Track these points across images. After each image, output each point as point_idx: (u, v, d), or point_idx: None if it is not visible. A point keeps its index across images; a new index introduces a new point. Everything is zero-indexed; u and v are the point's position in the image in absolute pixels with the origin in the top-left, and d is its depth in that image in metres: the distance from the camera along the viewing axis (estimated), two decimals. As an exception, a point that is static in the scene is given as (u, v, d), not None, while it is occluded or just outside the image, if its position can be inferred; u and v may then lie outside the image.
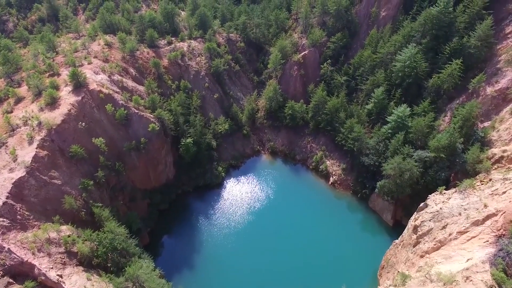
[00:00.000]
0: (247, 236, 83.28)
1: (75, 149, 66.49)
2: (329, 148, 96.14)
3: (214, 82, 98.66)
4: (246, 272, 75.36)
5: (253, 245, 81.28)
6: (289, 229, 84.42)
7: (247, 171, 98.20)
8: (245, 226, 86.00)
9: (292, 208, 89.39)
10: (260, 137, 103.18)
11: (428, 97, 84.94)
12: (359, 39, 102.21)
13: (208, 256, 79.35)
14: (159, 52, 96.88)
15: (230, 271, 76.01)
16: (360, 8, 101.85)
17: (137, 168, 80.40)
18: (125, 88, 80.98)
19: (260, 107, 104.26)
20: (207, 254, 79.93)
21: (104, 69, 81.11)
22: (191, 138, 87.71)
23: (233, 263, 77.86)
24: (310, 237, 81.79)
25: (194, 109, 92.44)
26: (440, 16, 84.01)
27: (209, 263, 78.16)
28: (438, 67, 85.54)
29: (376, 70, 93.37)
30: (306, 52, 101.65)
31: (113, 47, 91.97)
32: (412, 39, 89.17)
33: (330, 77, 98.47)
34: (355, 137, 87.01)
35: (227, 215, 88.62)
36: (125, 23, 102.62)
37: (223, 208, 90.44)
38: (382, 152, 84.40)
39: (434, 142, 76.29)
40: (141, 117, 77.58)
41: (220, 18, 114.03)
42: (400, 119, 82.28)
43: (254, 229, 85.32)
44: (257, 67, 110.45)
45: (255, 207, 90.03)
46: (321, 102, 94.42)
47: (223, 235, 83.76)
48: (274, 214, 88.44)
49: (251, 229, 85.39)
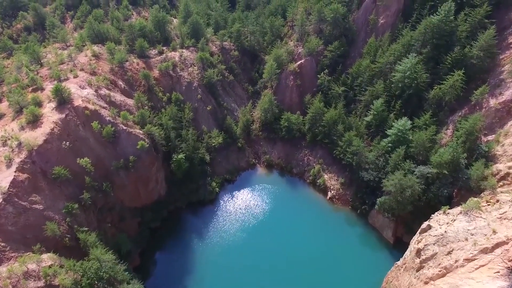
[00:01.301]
0: (242, 254, 79.89)
1: (58, 170, 62.64)
2: (326, 161, 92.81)
3: (207, 94, 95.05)
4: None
5: (249, 263, 77.95)
6: (285, 247, 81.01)
7: (242, 185, 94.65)
8: (240, 243, 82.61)
9: (289, 224, 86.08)
10: (255, 150, 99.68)
11: (429, 109, 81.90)
12: (357, 47, 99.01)
13: (201, 275, 75.89)
14: (149, 62, 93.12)
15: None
16: (358, 15, 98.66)
17: (127, 187, 76.60)
18: (113, 103, 77.16)
19: (255, 119, 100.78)
20: (200, 273, 76.46)
21: (91, 83, 77.25)
22: (183, 153, 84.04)
23: (228, 281, 74.39)
24: (308, 254, 78.47)
25: (187, 122, 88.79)
26: (440, 24, 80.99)
27: (203, 282, 74.76)
28: (439, 77, 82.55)
29: (375, 80, 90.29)
30: (302, 61, 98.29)
31: (101, 58, 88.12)
32: (412, 48, 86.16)
33: (327, 87, 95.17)
34: (354, 151, 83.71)
35: (222, 232, 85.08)
36: (114, 32, 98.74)
37: (217, 225, 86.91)
38: (382, 167, 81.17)
39: (436, 157, 73.17)
40: (130, 134, 73.81)
41: (214, 25, 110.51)
42: (400, 133, 79.12)
43: (249, 246, 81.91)
44: (252, 76, 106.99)
45: (251, 224, 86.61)
46: (318, 114, 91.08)
47: (218, 253, 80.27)
48: (270, 230, 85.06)
49: (247, 246, 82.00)
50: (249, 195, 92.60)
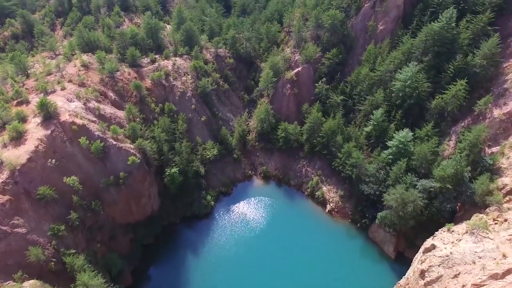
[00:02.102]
0: (239, 269, 76.95)
1: (43, 190, 59.34)
2: (325, 173, 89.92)
3: (201, 103, 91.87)
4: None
5: (246, 279, 75.08)
6: (283, 261, 78.07)
7: (238, 198, 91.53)
8: (236, 258, 79.55)
9: (287, 238, 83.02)
10: (251, 161, 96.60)
11: (431, 120, 79.28)
12: (355, 54, 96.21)
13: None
14: (141, 72, 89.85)
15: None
16: (356, 22, 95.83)
17: (117, 204, 73.31)
18: (103, 116, 73.87)
19: (251, 129, 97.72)
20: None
21: (79, 95, 73.93)
22: (176, 167, 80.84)
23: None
24: (307, 269, 75.72)
25: (180, 134, 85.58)
26: (442, 32, 78.38)
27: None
28: (441, 86, 79.94)
29: (374, 88, 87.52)
30: (299, 69, 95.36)
31: (90, 68, 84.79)
32: (413, 56, 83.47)
33: (325, 96, 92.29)
34: (354, 164, 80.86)
35: (217, 247, 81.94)
36: (105, 40, 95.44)
37: (212, 240, 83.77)
38: (382, 180, 78.37)
39: (439, 171, 70.46)
40: (120, 149, 70.55)
41: (208, 32, 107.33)
42: (401, 145, 76.35)
43: (246, 261, 78.97)
44: (248, 84, 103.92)
45: (247, 238, 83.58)
46: (316, 124, 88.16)
47: (213, 269, 77.16)
48: (267, 245, 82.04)
49: (243, 261, 79.03)
50: (246, 208, 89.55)
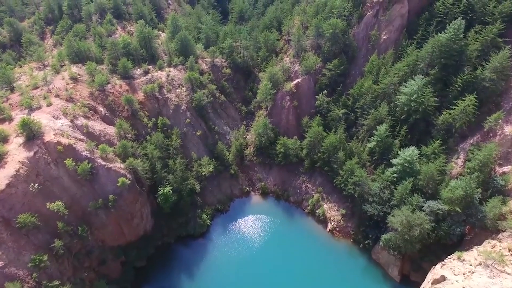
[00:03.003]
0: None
1: (24, 218, 55.33)
2: (326, 190, 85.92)
3: (196, 117, 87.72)
4: None
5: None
6: (282, 282, 74.49)
7: (236, 215, 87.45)
8: (234, 280, 75.66)
9: (286, 258, 79.06)
10: (249, 176, 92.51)
11: (437, 136, 75.40)
12: (357, 65, 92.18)
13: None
14: (133, 84, 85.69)
15: None
16: (358, 31, 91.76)
17: (107, 226, 69.30)
18: (91, 134, 69.76)
19: (249, 142, 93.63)
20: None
21: (66, 112, 69.81)
22: (170, 186, 76.81)
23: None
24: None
25: (174, 150, 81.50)
26: (449, 43, 74.43)
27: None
28: (448, 101, 76.07)
29: (377, 101, 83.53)
30: (299, 80, 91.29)
31: (80, 81, 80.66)
32: (418, 67, 79.50)
33: (326, 108, 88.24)
34: (356, 182, 76.92)
35: (214, 268, 77.98)
36: (96, 50, 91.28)
37: (208, 260, 79.78)
38: (387, 200, 74.48)
39: (448, 192, 66.58)
40: (109, 170, 66.45)
41: (204, 40, 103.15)
42: (407, 163, 72.39)
43: (244, 283, 75.18)
44: (245, 95, 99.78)
45: (245, 258, 79.57)
46: (317, 139, 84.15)
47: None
48: (266, 265, 78.16)
49: (241, 283, 75.19)
50: (243, 226, 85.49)
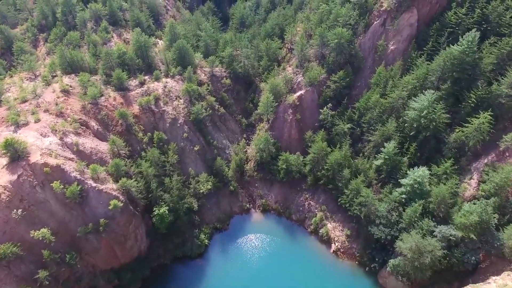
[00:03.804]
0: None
1: (5, 248, 51.52)
2: (330, 208, 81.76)
3: (194, 131, 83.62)
4: None
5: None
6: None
7: (235, 234, 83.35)
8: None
9: (288, 280, 75.03)
10: (249, 192, 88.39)
11: (449, 154, 71.14)
12: (363, 76, 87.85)
13: None
14: (128, 96, 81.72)
15: None
16: (365, 40, 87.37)
17: (99, 250, 65.39)
18: (81, 152, 65.78)
19: (250, 157, 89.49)
20: None
21: (55, 129, 65.86)
22: (166, 205, 72.86)
23: None
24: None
25: (170, 167, 77.49)
26: (462, 56, 70.08)
27: None
28: (460, 117, 71.77)
29: (385, 116, 79.26)
30: (302, 92, 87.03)
31: (71, 94, 76.74)
32: (428, 81, 75.18)
33: (331, 122, 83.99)
34: (362, 203, 72.76)
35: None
36: (90, 59, 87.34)
37: (207, 282, 75.79)
38: (395, 223, 70.33)
39: (461, 218, 62.34)
40: (100, 192, 62.49)
41: (203, 48, 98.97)
42: (417, 184, 68.14)
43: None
44: (246, 106, 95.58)
45: (245, 280, 75.41)
46: (321, 155, 79.97)
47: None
48: (266, 287, 74.33)
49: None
50: (243, 246, 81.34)
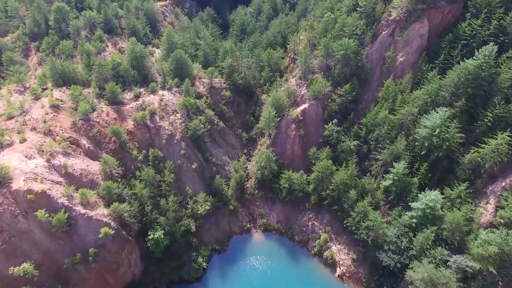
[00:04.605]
0: None
1: (-16, 287, 47.37)
2: (335, 229, 77.39)
3: (192, 148, 79.25)
4: None
5: None
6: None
7: (234, 256, 79.01)
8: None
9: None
10: (250, 211, 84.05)
11: (462, 175, 66.70)
12: (370, 89, 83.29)
13: None
14: (122, 111, 77.42)
15: None
16: (372, 51, 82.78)
17: (88, 280, 61.14)
18: (70, 175, 61.51)
19: (251, 173, 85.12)
20: None
21: (42, 149, 61.61)
22: (161, 229, 68.66)
23: None
24: None
25: (167, 187, 73.24)
26: (478, 71, 65.58)
27: None
28: (475, 136, 67.30)
29: (393, 132, 74.80)
30: (306, 106, 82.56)
31: (61, 109, 72.48)
32: (440, 97, 70.63)
33: (336, 138, 79.52)
34: (370, 227, 68.40)
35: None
36: (82, 71, 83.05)
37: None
38: (405, 249, 65.97)
39: (478, 248, 57.96)
40: (90, 219, 58.23)
41: (202, 58, 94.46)
42: (429, 209, 63.71)
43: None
44: (247, 120, 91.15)
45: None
46: (326, 174, 75.59)
47: None
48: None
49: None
50: (243, 268, 76.86)
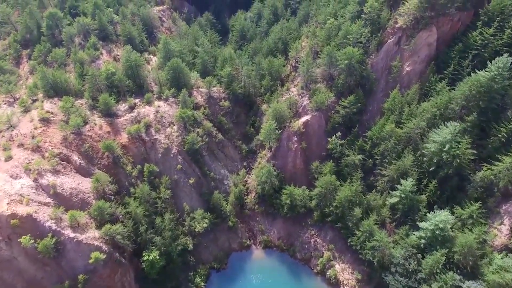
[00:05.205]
0: None
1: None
2: (338, 247, 74.02)
3: (189, 162, 75.84)
4: None
5: None
6: None
7: (234, 274, 75.63)
8: None
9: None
10: (250, 227, 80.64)
11: (474, 193, 63.25)
12: (376, 100, 79.73)
13: None
14: (116, 123, 74.04)
15: None
16: (377, 60, 79.24)
17: (78, 306, 57.88)
18: (60, 195, 58.13)
19: (250, 188, 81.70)
20: None
21: (29, 168, 58.25)
22: (157, 249, 65.32)
23: None
24: None
25: (162, 204, 69.87)
26: (490, 84, 62.05)
27: None
28: (487, 152, 63.81)
29: (400, 146, 71.31)
30: (308, 117, 79.04)
31: (52, 123, 69.14)
32: (450, 109, 67.10)
33: (340, 152, 76.08)
34: (375, 247, 65.00)
35: None
36: (75, 81, 79.69)
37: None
38: (413, 272, 62.53)
39: (494, 275, 54.54)
40: (79, 243, 54.92)
41: (200, 66, 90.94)
42: (439, 230, 60.24)
43: None
44: (246, 130, 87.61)
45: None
46: (329, 189, 72.17)
47: None
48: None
49: None
50: (242, 287, 73.89)
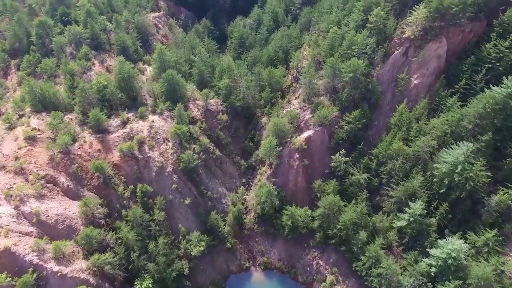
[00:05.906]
0: None
1: None
2: (342, 271, 70.01)
3: (185, 181, 71.80)
4: None
5: None
6: None
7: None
8: None
9: None
10: (249, 248, 76.69)
11: (488, 218, 59.23)
12: (381, 114, 75.67)
13: None
14: (107, 140, 69.99)
15: None
16: (383, 72, 75.14)
17: None
18: (43, 223, 54.19)
19: (250, 206, 77.76)
20: None
21: (11, 194, 54.33)
22: (150, 277, 61.46)
23: None
24: None
25: (156, 226, 65.93)
26: (507, 101, 58.01)
27: None
28: (503, 173, 59.83)
29: (407, 164, 67.29)
30: (310, 133, 74.98)
31: (38, 141, 65.16)
32: (462, 127, 63.03)
33: (344, 170, 72.08)
34: (382, 274, 61.08)
35: None
36: (65, 94, 75.70)
37: None
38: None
39: (511, 311, 50.66)
40: (64, 277, 50.95)
41: (197, 77, 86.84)
42: (452, 260, 56.26)
43: None
44: (245, 145, 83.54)
45: None
46: (333, 211, 68.21)
47: None
48: None
49: None
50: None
